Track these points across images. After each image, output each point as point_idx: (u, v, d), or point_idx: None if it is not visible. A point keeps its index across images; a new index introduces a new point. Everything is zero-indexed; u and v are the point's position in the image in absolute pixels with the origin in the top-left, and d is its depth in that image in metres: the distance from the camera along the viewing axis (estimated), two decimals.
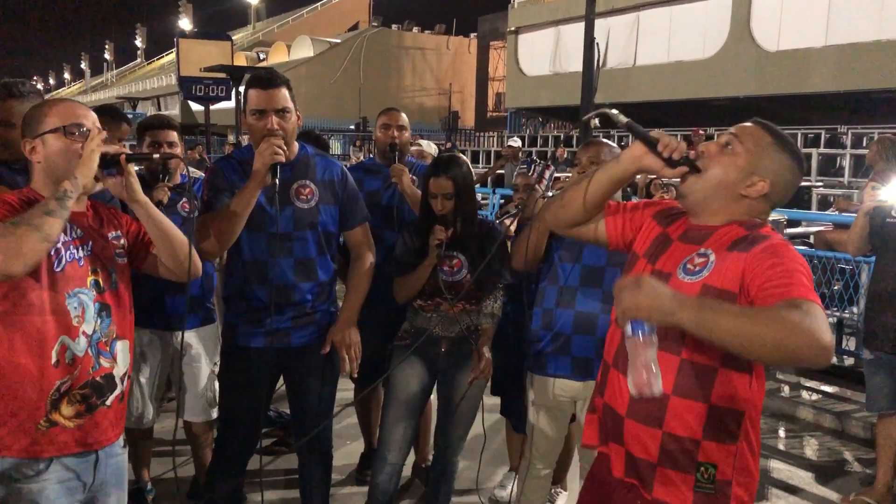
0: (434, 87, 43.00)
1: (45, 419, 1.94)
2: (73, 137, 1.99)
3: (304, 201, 2.82)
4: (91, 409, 2.00)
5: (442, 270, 3.01)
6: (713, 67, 19.70)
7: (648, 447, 1.77)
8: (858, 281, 5.78)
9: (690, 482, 1.74)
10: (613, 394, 1.86)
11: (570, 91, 19.34)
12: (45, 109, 2.02)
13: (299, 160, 2.85)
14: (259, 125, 2.68)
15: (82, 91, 74.27)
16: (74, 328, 1.96)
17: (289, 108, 2.70)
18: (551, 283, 2.96)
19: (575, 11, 21.06)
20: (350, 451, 4.33)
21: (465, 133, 31.46)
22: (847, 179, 13.79)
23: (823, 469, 4.40)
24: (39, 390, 1.92)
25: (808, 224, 8.03)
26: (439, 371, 3.11)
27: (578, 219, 2.02)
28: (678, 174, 1.82)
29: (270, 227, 2.75)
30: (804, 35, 17.97)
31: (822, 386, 5.56)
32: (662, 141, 1.79)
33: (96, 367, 2.00)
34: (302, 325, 2.87)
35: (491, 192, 9.38)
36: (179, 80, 12.08)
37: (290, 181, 2.80)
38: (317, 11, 55.81)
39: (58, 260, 1.95)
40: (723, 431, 1.72)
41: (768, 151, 1.76)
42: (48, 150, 1.99)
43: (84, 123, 2.01)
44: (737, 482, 1.75)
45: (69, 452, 1.98)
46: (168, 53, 61.24)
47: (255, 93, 2.70)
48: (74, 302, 1.97)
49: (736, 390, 1.70)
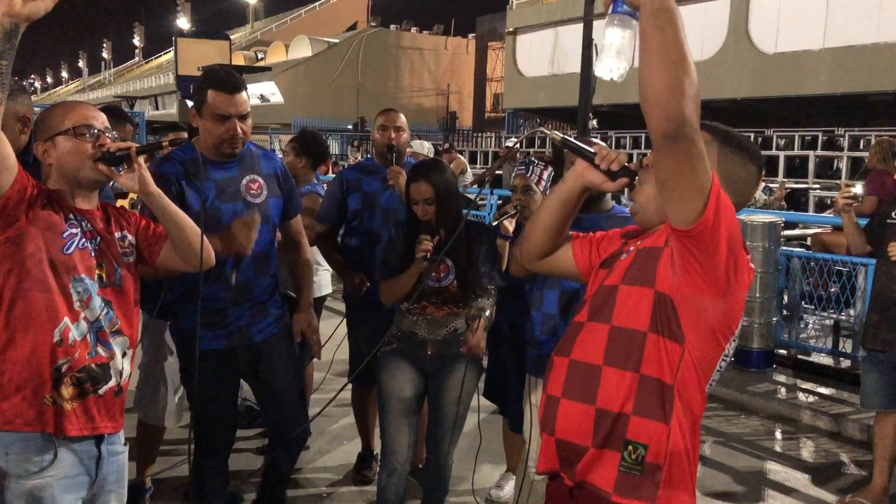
0: (432, 88, 42.98)
1: (49, 395, 1.98)
2: (83, 138, 2.06)
3: (255, 196, 2.86)
4: (84, 395, 2.03)
5: (429, 277, 2.99)
6: (711, 69, 19.71)
7: (580, 427, 1.71)
8: (855, 283, 5.79)
9: (616, 460, 1.67)
10: (552, 381, 1.82)
11: (568, 92, 19.35)
12: (57, 112, 2.10)
13: (244, 155, 2.88)
14: (220, 130, 2.72)
15: (80, 90, 74.16)
16: (76, 311, 2.01)
17: (249, 112, 2.79)
18: (551, 287, 2.93)
19: (573, 13, 21.09)
20: (347, 451, 4.33)
21: (463, 133, 31.43)
22: (844, 182, 13.80)
23: (819, 470, 4.41)
24: (44, 366, 1.98)
25: (805, 226, 8.05)
26: (428, 374, 3.10)
27: (542, 249, 1.99)
28: (620, 186, 1.77)
29: (224, 225, 2.73)
30: (802, 37, 18.00)
31: (819, 388, 5.56)
32: (599, 154, 1.76)
33: (93, 354, 2.04)
34: (259, 318, 2.92)
35: (489, 192, 9.38)
36: (177, 79, 12.11)
37: (239, 177, 2.83)
38: (315, 11, 55.74)
39: (68, 244, 2.02)
40: (652, 405, 1.65)
41: (709, 147, 1.67)
42: (59, 151, 2.06)
43: (94, 124, 2.08)
44: (668, 469, 1.65)
45: (71, 435, 2.01)
46: (166, 52, 61.15)
47: (218, 96, 2.71)
48: (79, 287, 2.02)
49: (666, 360, 1.65)
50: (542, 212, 1.94)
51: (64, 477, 2.01)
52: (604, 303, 1.76)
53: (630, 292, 1.71)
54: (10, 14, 1.66)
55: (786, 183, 10.58)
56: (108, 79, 75.25)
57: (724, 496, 4.01)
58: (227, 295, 2.82)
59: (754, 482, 4.22)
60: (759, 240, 5.86)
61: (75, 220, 2.06)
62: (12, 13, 1.66)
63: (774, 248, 5.93)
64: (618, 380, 1.68)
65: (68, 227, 2.03)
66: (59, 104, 2.17)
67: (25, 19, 1.69)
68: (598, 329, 1.74)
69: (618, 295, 1.74)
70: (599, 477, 1.69)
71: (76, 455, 2.04)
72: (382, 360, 3.09)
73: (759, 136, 17.49)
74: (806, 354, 6.14)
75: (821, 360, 6.03)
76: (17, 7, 1.67)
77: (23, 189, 1.94)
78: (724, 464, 4.45)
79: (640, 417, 1.66)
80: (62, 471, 2.00)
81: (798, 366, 6.02)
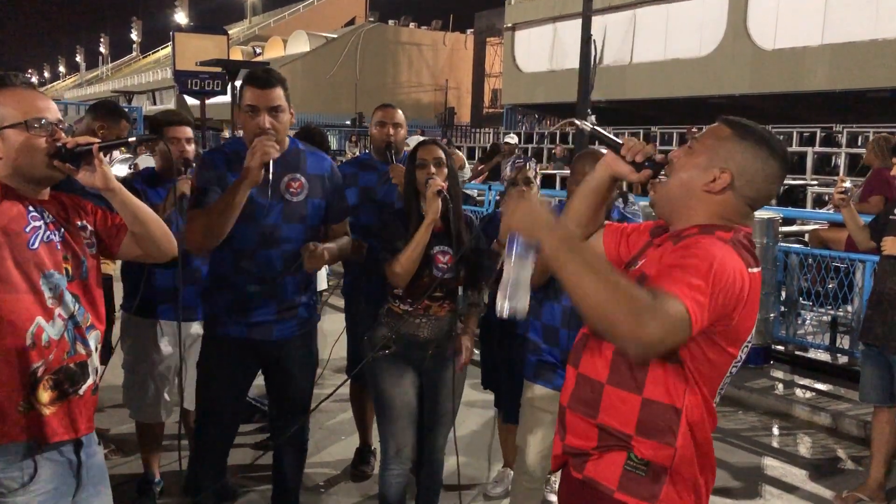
0: (430, 83, 42.95)
1: (23, 401, 1.87)
2: (36, 132, 1.90)
3: (294, 195, 2.85)
4: (64, 397, 1.93)
5: (436, 266, 2.95)
6: (709, 65, 19.73)
7: (586, 438, 1.73)
8: (853, 279, 5.80)
9: (622, 459, 1.67)
10: (564, 388, 1.84)
11: (566, 88, 19.36)
12: (5, 101, 1.91)
13: (289, 154, 2.87)
14: (252, 123, 2.72)
15: (77, 84, 74.02)
16: (49, 309, 1.90)
17: (282, 106, 2.75)
18: (552, 298, 2.91)
19: (572, 8, 21.07)
20: (345, 446, 4.33)
21: (461, 129, 31.40)
22: (839, 178, 13.81)
23: (817, 466, 4.42)
24: (16, 371, 1.86)
25: (803, 222, 8.05)
26: (423, 372, 3.06)
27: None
28: (644, 178, 1.77)
29: (261, 219, 2.77)
30: (800, 33, 18.00)
31: (816, 384, 5.57)
32: (626, 145, 1.76)
33: (72, 353, 1.95)
34: (285, 318, 2.90)
35: (487, 188, 9.36)
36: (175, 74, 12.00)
37: (281, 175, 2.81)
38: (313, 6, 55.66)
39: (32, 238, 1.90)
40: (656, 429, 1.64)
41: (726, 142, 1.68)
42: (9, 145, 1.90)
43: (46, 117, 1.92)
44: (675, 472, 1.64)
45: (49, 441, 1.91)
46: (164, 47, 61.04)
47: (251, 91, 2.74)
48: (50, 283, 1.91)
49: (671, 383, 1.63)
50: (575, 200, 1.94)
51: (46, 491, 1.91)
52: None
53: None
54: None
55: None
56: (106, 73, 75.08)
57: (721, 492, 4.02)
58: (254, 289, 2.81)
59: (752, 478, 4.23)
60: (757, 236, 5.85)
61: (37, 212, 1.93)
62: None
63: (772, 245, 5.93)
64: (620, 401, 1.67)
65: (31, 221, 1.90)
66: (6, 91, 1.95)
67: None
68: (604, 347, 1.72)
69: None
70: (604, 474, 1.70)
71: (56, 466, 1.94)
72: (381, 366, 3.00)
73: None
74: (803, 350, 6.14)
75: (818, 357, 6.04)
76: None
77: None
78: (722, 460, 4.45)
79: (644, 439, 1.65)
80: (43, 485, 1.91)
81: (796, 362, 6.02)
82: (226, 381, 2.90)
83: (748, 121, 1.74)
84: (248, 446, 4.25)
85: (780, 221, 6.27)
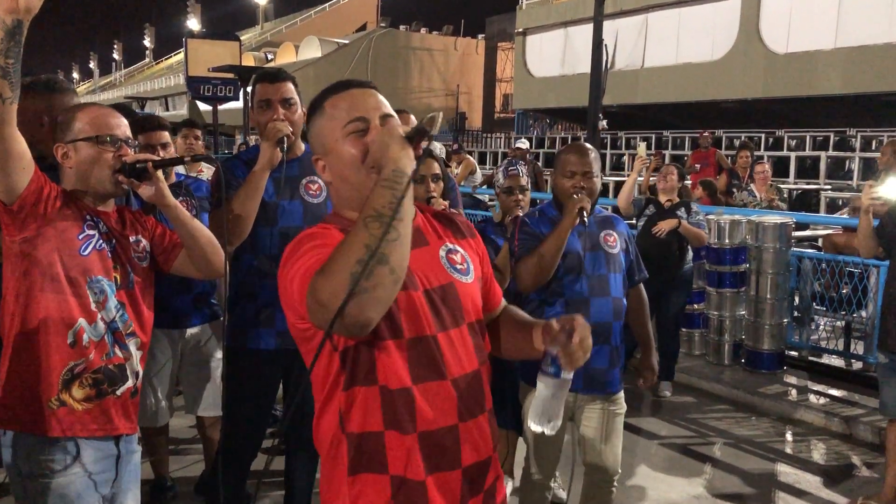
0: (441, 88, 42.97)
1: (56, 398, 1.99)
2: (105, 146, 2.06)
3: (314, 196, 2.86)
4: (101, 396, 2.05)
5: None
6: (722, 69, 19.65)
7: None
8: (867, 284, 5.76)
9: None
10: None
11: (577, 92, 19.32)
12: (80, 116, 2.08)
13: (307, 156, 2.87)
14: (265, 117, 2.75)
15: (91, 90, 74.53)
16: (93, 312, 2.02)
17: (294, 99, 2.79)
18: (552, 299, 2.90)
19: (583, 13, 21.07)
20: None
21: (473, 134, 31.44)
22: (856, 182, 13.71)
23: (831, 473, 4.38)
24: (53, 368, 1.98)
25: (816, 227, 8.01)
26: None
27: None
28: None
29: (282, 221, 2.78)
30: (813, 37, 17.90)
31: (830, 390, 5.53)
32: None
33: (111, 355, 2.06)
34: None
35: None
36: (188, 79, 12.12)
37: (299, 177, 2.83)
38: (325, 12, 55.86)
39: (85, 245, 2.03)
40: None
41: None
42: (80, 157, 2.06)
43: (116, 134, 2.09)
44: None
45: (81, 436, 2.01)
46: (176, 53, 61.40)
47: (262, 86, 2.79)
48: (96, 288, 2.03)
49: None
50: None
51: (87, 474, 2.02)
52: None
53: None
54: (11, 10, 1.66)
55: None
56: (119, 80, 75.65)
57: (734, 498, 4.00)
58: (277, 294, 2.79)
59: (765, 484, 4.20)
60: (771, 241, 5.83)
61: (93, 222, 2.07)
62: (12, 9, 1.66)
63: (785, 249, 5.90)
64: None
65: (85, 229, 2.04)
66: (83, 107, 2.14)
67: (25, 12, 1.68)
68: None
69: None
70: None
71: (98, 452, 2.05)
72: None
73: (770, 137, 17.42)
74: (817, 356, 6.10)
75: (832, 362, 6.00)
76: (16, 2, 1.65)
77: (39, 189, 1.95)
78: (735, 465, 4.43)
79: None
80: (85, 468, 2.02)
81: (809, 367, 5.99)
82: (257, 395, 2.89)
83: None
84: (261, 451, 4.25)
85: (794, 226, 6.24)
